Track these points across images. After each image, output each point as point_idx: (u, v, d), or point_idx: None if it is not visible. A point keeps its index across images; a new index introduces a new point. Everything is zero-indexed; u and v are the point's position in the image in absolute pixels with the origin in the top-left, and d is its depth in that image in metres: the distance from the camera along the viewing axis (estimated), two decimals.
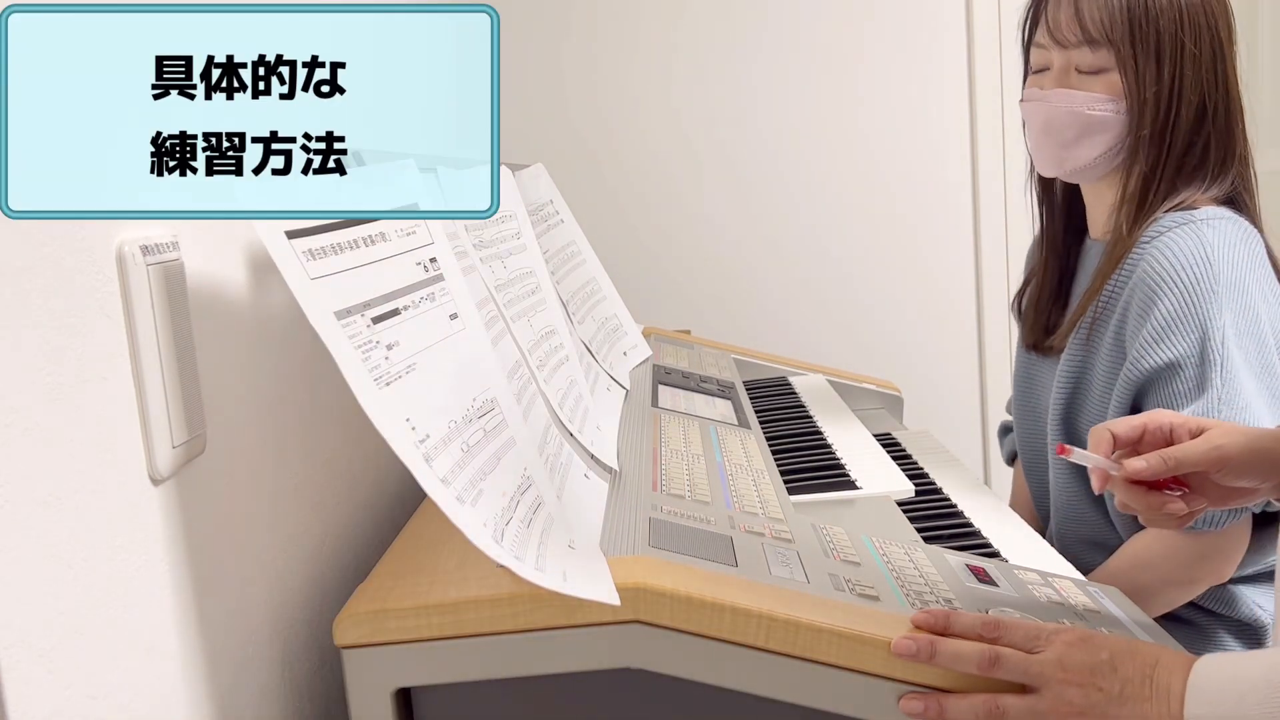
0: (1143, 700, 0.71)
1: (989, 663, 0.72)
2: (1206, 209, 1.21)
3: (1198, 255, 1.15)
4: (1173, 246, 1.17)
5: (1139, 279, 1.19)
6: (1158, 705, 0.71)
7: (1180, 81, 1.21)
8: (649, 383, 1.43)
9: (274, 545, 0.83)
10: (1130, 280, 1.20)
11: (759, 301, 2.39)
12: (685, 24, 2.34)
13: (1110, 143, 1.24)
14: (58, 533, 0.55)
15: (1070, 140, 1.25)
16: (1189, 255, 1.16)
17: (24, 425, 0.53)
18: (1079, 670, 0.72)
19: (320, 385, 0.93)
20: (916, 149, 2.36)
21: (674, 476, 1.02)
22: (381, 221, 0.78)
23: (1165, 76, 1.21)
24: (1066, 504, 1.32)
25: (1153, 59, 1.21)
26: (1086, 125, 1.24)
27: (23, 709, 0.52)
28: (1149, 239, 1.20)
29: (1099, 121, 1.23)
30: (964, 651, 0.73)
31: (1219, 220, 1.19)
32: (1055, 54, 1.25)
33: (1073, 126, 1.24)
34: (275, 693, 0.81)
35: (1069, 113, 1.24)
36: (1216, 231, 1.18)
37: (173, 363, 0.66)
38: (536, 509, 0.76)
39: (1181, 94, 1.21)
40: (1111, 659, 0.73)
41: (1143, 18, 1.20)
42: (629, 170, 2.37)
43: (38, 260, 0.55)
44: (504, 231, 1.18)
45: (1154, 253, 1.18)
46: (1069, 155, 1.26)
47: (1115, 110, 1.22)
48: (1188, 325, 1.14)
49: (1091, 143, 1.24)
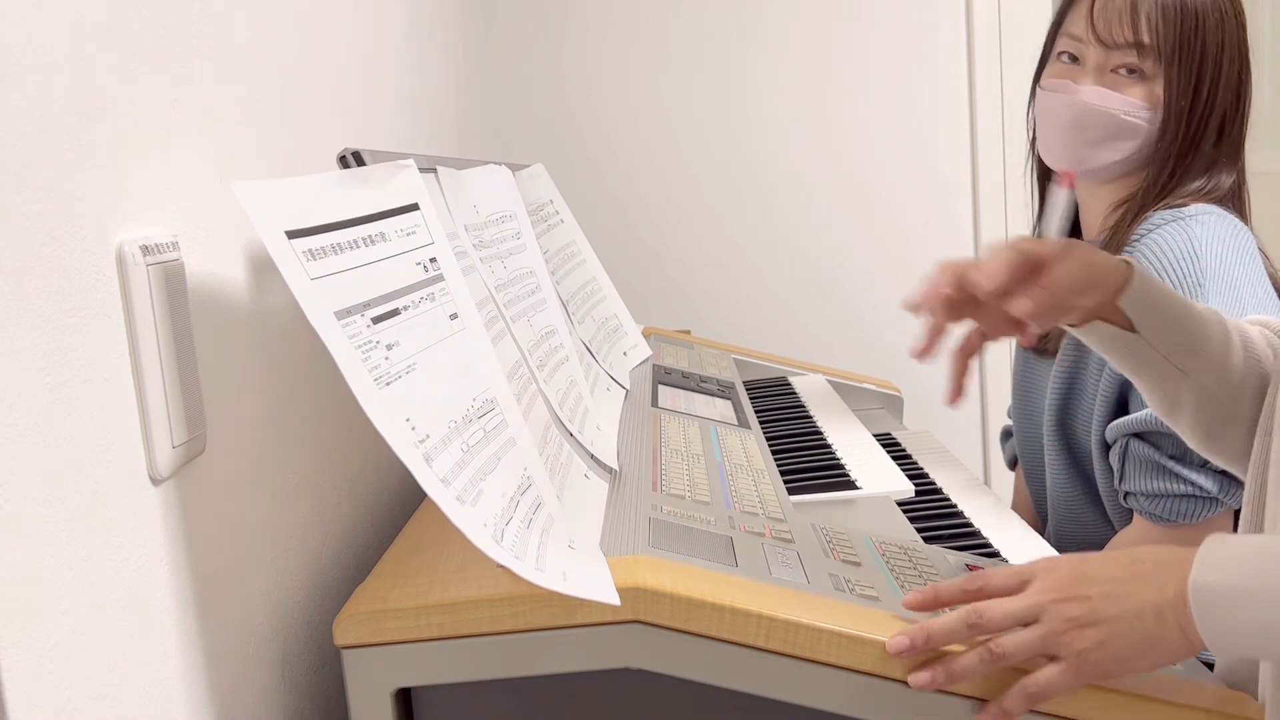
0: (1132, 593, 0.70)
1: (974, 623, 0.72)
2: (1195, 205, 1.21)
3: (1185, 250, 1.15)
4: (1161, 243, 1.17)
5: None
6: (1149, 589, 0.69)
7: (1213, 99, 1.20)
8: (649, 383, 1.43)
9: (274, 545, 0.83)
10: None
11: (759, 301, 2.39)
12: (686, 24, 2.34)
13: (1133, 150, 1.23)
14: (58, 533, 0.55)
15: (1097, 140, 1.24)
16: (1177, 251, 1.16)
17: (24, 425, 0.53)
18: (1066, 586, 0.72)
19: (320, 385, 0.93)
20: (916, 148, 2.36)
21: (674, 476, 1.02)
22: (382, 221, 0.78)
23: (1202, 94, 1.20)
24: (1064, 505, 1.32)
25: (1193, 75, 1.20)
26: (1118, 129, 1.23)
27: (23, 709, 0.52)
28: (1138, 236, 1.20)
29: (1130, 128, 1.22)
30: (953, 626, 0.72)
31: (1207, 215, 1.19)
32: (1094, 50, 1.22)
33: (1103, 127, 1.23)
34: (275, 693, 0.81)
35: (1103, 113, 1.22)
36: (1204, 227, 1.18)
37: (173, 363, 0.66)
38: (536, 509, 0.76)
39: (1211, 111, 1.21)
40: (1090, 567, 0.72)
41: (1192, 33, 1.19)
42: (629, 170, 2.37)
43: (38, 260, 0.55)
44: (504, 231, 1.18)
45: (1142, 249, 1.18)
46: (1091, 155, 1.25)
47: (1148, 119, 1.21)
48: None
49: (1116, 147, 1.23)
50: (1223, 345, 0.89)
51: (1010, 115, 2.33)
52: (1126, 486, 1.17)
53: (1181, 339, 0.88)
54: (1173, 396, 0.91)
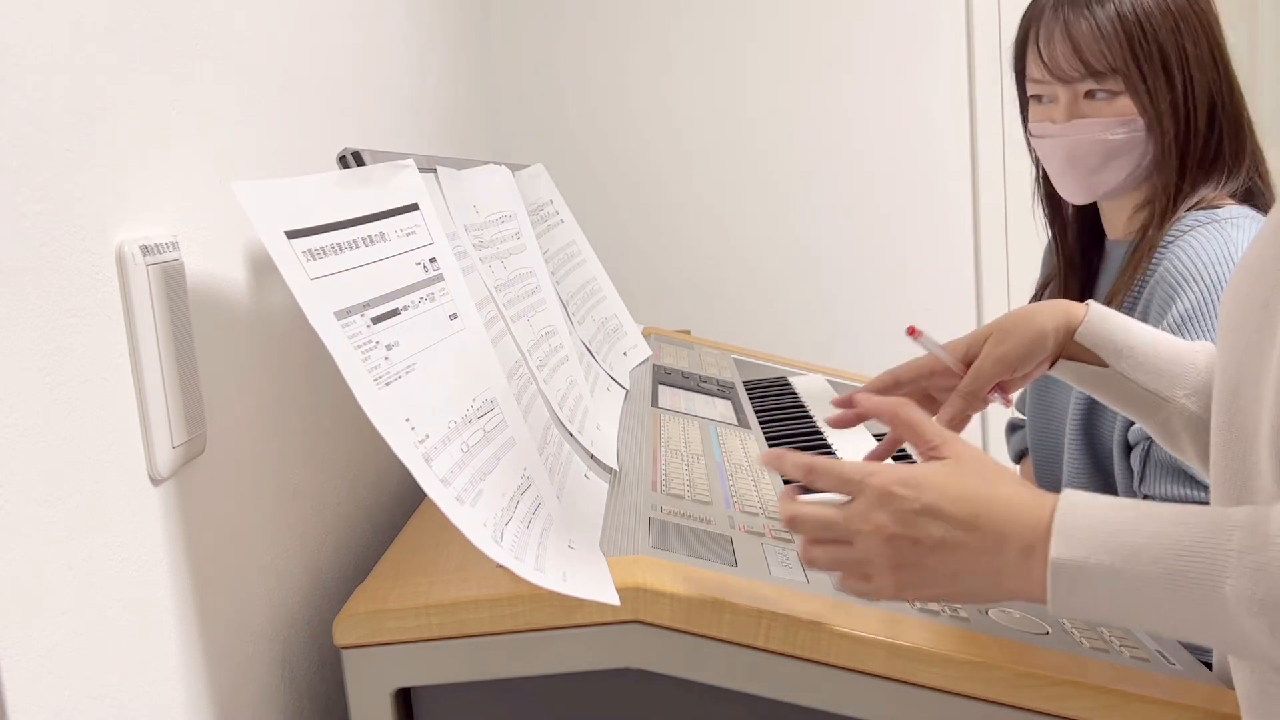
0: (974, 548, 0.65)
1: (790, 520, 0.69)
2: (1230, 208, 1.21)
3: (1221, 254, 1.15)
4: (1196, 246, 1.16)
5: (1160, 277, 1.18)
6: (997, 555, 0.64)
7: (1191, 86, 1.20)
8: (649, 383, 1.43)
9: (274, 545, 0.83)
10: (1152, 279, 1.20)
11: (759, 301, 2.39)
12: (685, 24, 2.34)
13: (1135, 162, 1.23)
14: (58, 533, 0.55)
15: (1096, 167, 1.24)
16: (1212, 254, 1.15)
17: (24, 425, 0.53)
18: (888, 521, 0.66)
19: (320, 385, 0.93)
20: (916, 149, 2.36)
21: (674, 476, 1.02)
22: (381, 221, 0.78)
23: (1177, 86, 1.20)
24: None
25: (1161, 73, 1.20)
26: (1109, 150, 1.23)
27: (23, 709, 0.52)
28: (1172, 238, 1.19)
29: (1120, 144, 1.22)
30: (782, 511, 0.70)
31: (1244, 219, 1.19)
32: (1057, 87, 1.23)
33: (1096, 154, 1.23)
34: (275, 693, 0.81)
35: (1090, 141, 1.22)
36: (1240, 230, 1.17)
37: (173, 363, 0.66)
38: (536, 509, 0.76)
39: (1195, 97, 1.21)
40: (927, 505, 0.65)
41: (1141, 36, 1.19)
42: (629, 170, 2.37)
43: (38, 260, 0.55)
44: (504, 231, 1.18)
45: (1177, 251, 1.17)
46: (1098, 181, 1.25)
47: (1133, 130, 1.22)
48: (1205, 322, 1.14)
49: (1117, 165, 1.23)
50: (1210, 374, 0.89)
51: (1010, 116, 2.33)
52: (1145, 490, 1.16)
53: (1159, 368, 0.89)
54: (1165, 426, 0.91)
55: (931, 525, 0.65)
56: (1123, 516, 0.62)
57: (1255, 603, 0.56)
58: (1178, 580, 0.59)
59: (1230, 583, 0.57)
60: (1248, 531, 0.58)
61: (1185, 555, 0.59)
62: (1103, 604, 0.62)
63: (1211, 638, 0.61)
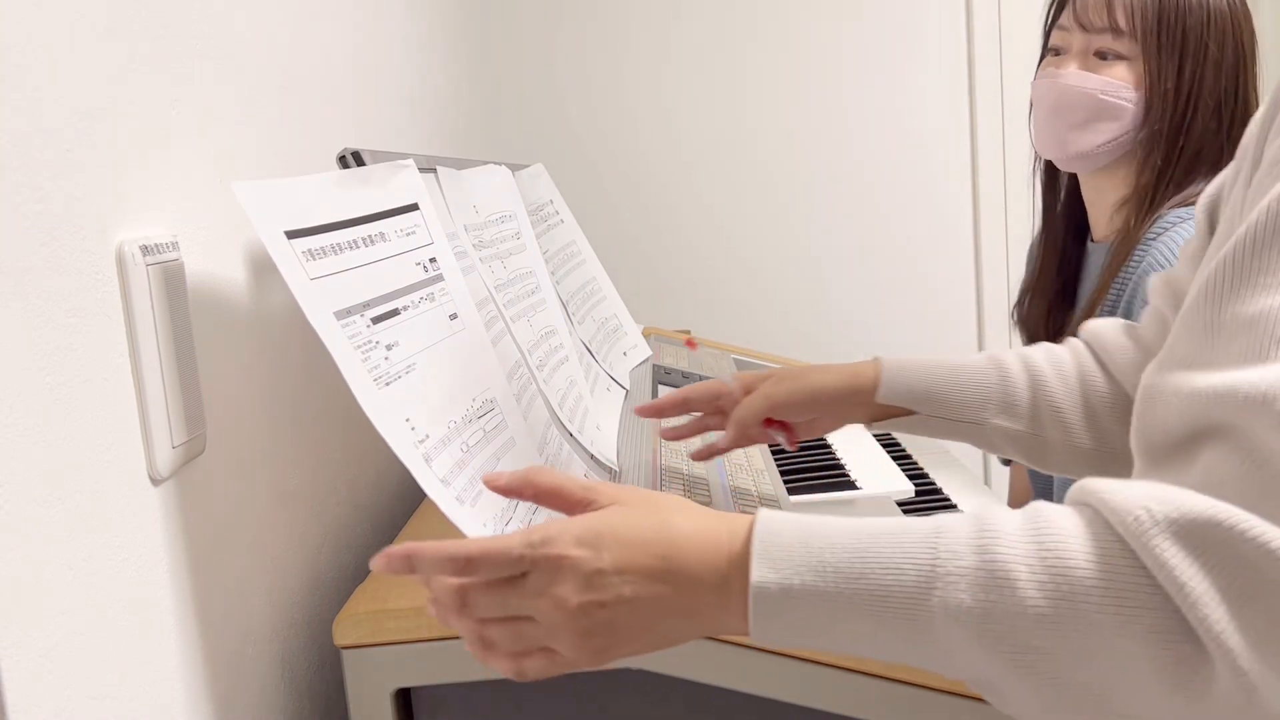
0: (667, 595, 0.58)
1: (457, 607, 0.60)
2: None
3: None
4: (1178, 241, 1.17)
5: (1142, 274, 1.18)
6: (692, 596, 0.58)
7: (1199, 83, 1.21)
8: (649, 383, 1.43)
9: (274, 545, 0.83)
10: (1134, 276, 1.20)
11: (759, 301, 2.39)
12: (685, 24, 2.34)
13: (1117, 132, 1.24)
14: (58, 533, 0.55)
15: (1078, 123, 1.25)
16: None
17: (24, 425, 0.53)
18: (572, 591, 0.58)
19: (320, 385, 0.93)
20: (916, 149, 2.36)
21: (674, 477, 1.02)
22: (381, 221, 0.78)
23: (1186, 75, 1.21)
24: None
25: (1175, 55, 1.21)
26: (1098, 110, 1.23)
27: (23, 709, 0.52)
28: (1154, 235, 1.20)
29: (1111, 108, 1.23)
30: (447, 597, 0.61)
31: None
32: (1077, 36, 1.25)
33: (1083, 109, 1.24)
34: (275, 693, 0.81)
35: (1082, 94, 1.23)
36: None
37: (173, 363, 0.66)
38: (536, 509, 0.76)
39: (1200, 95, 1.21)
40: (613, 563, 0.58)
41: (1171, 13, 1.21)
42: (629, 170, 2.37)
43: (38, 260, 0.55)
44: (504, 231, 1.18)
45: (1159, 248, 1.18)
46: (1073, 138, 1.26)
47: (1129, 100, 1.22)
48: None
49: (1098, 129, 1.24)
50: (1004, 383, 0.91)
51: (1010, 116, 2.33)
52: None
53: (963, 399, 0.91)
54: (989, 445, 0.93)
55: (619, 584, 0.58)
56: (825, 533, 0.57)
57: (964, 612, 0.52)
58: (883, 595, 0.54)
59: (938, 594, 0.52)
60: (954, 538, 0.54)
61: (891, 568, 0.54)
62: (810, 626, 0.56)
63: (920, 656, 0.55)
